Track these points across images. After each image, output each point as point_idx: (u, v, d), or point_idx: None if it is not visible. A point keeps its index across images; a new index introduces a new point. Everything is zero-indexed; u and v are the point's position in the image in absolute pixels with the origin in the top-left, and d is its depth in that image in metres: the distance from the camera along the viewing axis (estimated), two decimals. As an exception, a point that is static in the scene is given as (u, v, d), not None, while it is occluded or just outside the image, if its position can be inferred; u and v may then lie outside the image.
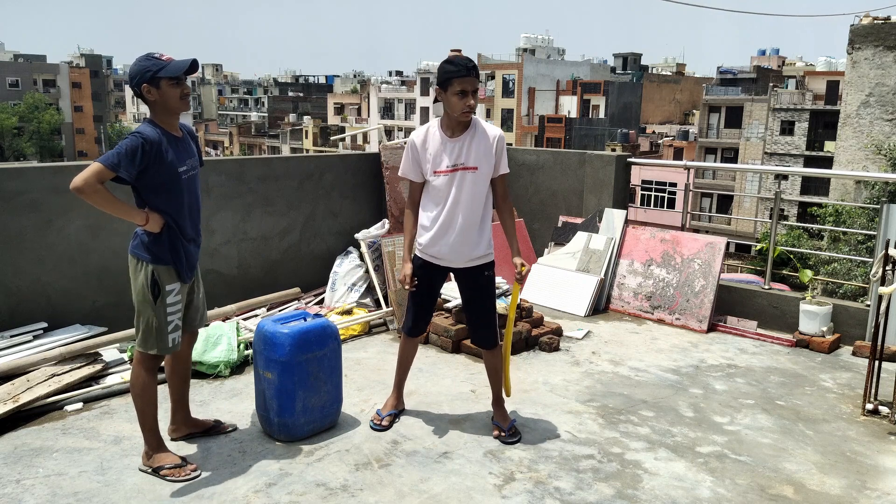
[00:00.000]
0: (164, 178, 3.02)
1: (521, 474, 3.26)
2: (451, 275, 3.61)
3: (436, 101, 3.41)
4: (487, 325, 3.55)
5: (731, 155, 39.06)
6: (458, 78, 3.22)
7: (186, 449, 3.41)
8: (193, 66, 3.02)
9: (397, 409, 3.82)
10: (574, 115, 49.18)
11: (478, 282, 3.53)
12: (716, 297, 5.56)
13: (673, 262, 5.83)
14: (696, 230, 10.56)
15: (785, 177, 34.36)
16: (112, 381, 4.12)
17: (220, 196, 5.25)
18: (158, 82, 2.98)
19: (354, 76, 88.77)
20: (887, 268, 4.07)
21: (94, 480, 3.12)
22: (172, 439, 3.46)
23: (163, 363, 3.33)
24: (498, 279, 5.30)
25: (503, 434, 3.57)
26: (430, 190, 3.45)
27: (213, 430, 3.57)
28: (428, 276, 3.54)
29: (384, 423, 3.68)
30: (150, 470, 3.16)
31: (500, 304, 4.92)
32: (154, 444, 3.19)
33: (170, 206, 3.07)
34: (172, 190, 3.06)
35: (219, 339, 4.39)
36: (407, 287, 3.50)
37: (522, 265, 3.42)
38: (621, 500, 3.08)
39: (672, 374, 4.60)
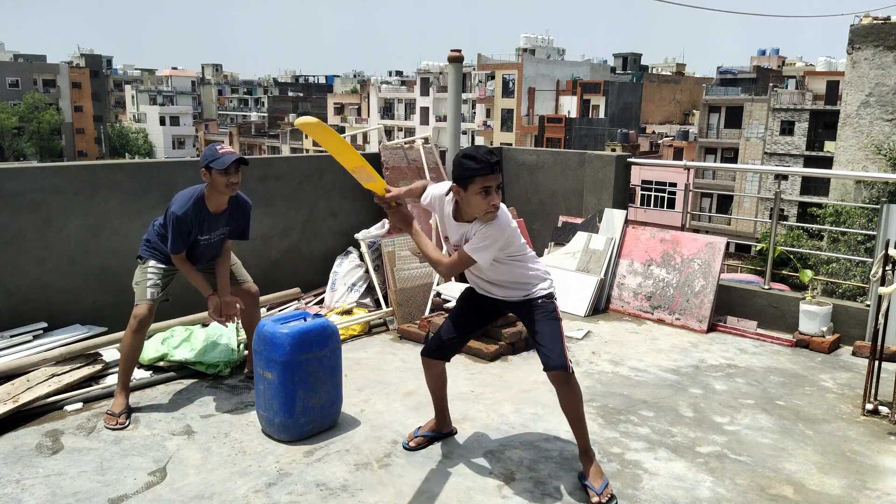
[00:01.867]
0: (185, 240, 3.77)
1: (521, 474, 3.26)
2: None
3: (450, 193, 3.12)
4: (551, 346, 3.13)
5: (731, 155, 39.04)
6: (481, 176, 2.89)
7: (187, 448, 3.41)
8: (240, 161, 3.68)
9: (436, 432, 3.55)
10: (574, 115, 49.17)
11: (532, 310, 3.21)
12: (716, 297, 5.56)
13: (673, 262, 5.83)
14: (696, 230, 10.56)
15: (785, 177, 34.35)
16: (112, 381, 4.12)
17: (220, 196, 5.24)
18: (211, 170, 3.64)
19: (354, 76, 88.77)
20: (887, 268, 4.07)
21: (94, 480, 3.12)
22: (246, 375, 4.27)
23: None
24: None
25: (601, 499, 2.99)
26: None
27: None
28: (476, 298, 3.33)
29: (411, 444, 3.48)
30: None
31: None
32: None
33: (192, 255, 3.84)
34: (194, 247, 3.82)
35: (219, 339, 4.39)
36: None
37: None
38: (621, 500, 3.08)
39: (672, 374, 4.60)
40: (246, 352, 4.48)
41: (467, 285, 3.42)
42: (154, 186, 4.89)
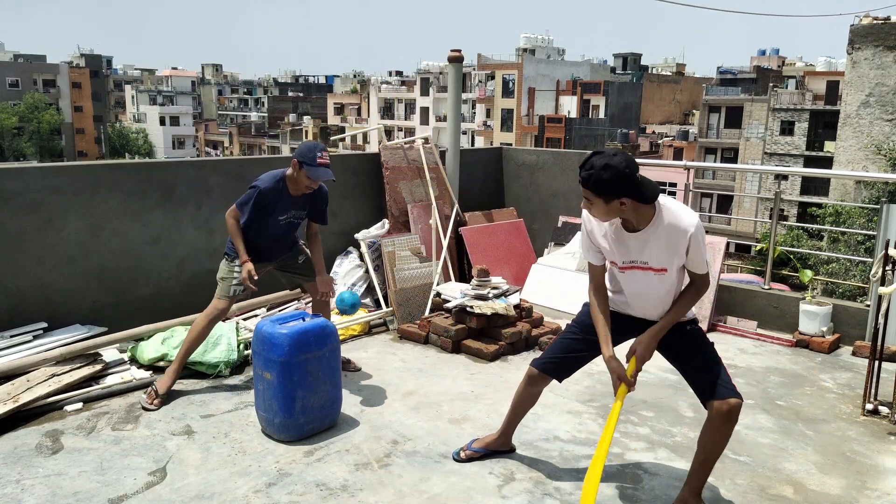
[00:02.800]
0: (264, 217, 3.94)
1: (521, 474, 3.26)
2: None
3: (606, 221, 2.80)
4: (719, 372, 2.80)
5: (731, 155, 39.03)
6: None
7: (187, 448, 3.41)
8: (326, 176, 3.88)
9: (492, 450, 3.38)
10: (574, 115, 49.16)
11: (681, 334, 2.92)
12: (716, 297, 5.56)
13: (673, 262, 5.82)
14: (696, 230, 10.51)
15: (785, 177, 34.35)
16: (112, 380, 4.12)
17: (220, 196, 5.24)
18: (302, 167, 3.85)
19: (354, 76, 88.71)
20: (887, 268, 4.07)
21: (94, 480, 3.12)
22: None
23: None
24: (497, 279, 5.30)
25: None
26: (612, 272, 2.96)
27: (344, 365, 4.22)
28: (618, 324, 2.99)
29: (461, 455, 3.35)
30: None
31: (500, 304, 4.93)
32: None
33: (257, 232, 3.99)
34: (265, 225, 3.98)
35: (218, 339, 4.39)
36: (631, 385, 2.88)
37: (641, 344, 2.87)
38: (621, 500, 3.08)
39: (672, 374, 4.58)
40: (247, 352, 4.48)
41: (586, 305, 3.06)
42: (154, 186, 4.89)
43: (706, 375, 2.80)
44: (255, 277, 3.91)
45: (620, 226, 2.78)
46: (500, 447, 3.41)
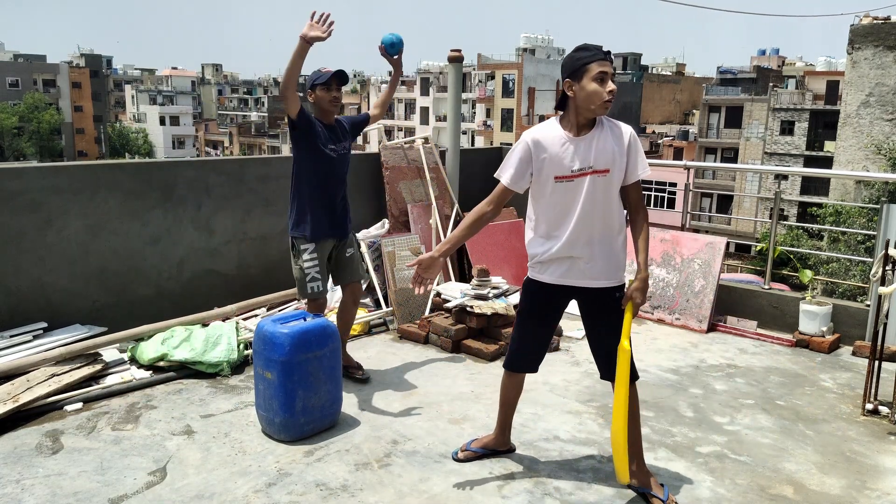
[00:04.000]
0: (313, 150, 3.89)
1: (521, 474, 3.26)
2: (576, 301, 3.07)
3: (559, 104, 2.91)
4: (613, 352, 2.91)
5: (731, 155, 39.04)
6: (596, 61, 2.75)
7: (187, 448, 3.41)
8: (339, 75, 3.90)
9: (491, 449, 3.37)
10: (574, 115, 49.09)
11: (604, 304, 2.97)
12: (716, 297, 5.56)
13: (673, 262, 5.83)
14: (696, 230, 10.56)
15: (785, 177, 34.36)
16: (112, 380, 4.12)
17: (220, 196, 5.25)
18: (315, 88, 3.91)
19: (354, 76, 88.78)
20: (887, 268, 4.07)
21: (94, 480, 3.12)
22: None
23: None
24: (497, 279, 5.30)
25: None
26: (547, 198, 2.92)
27: (350, 369, 4.28)
28: (546, 300, 3.01)
29: (460, 455, 3.34)
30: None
31: (500, 304, 4.93)
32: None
33: (310, 173, 3.93)
34: (317, 160, 3.90)
35: (219, 339, 4.39)
36: (416, 283, 2.97)
37: (637, 291, 2.87)
38: (621, 499, 3.08)
39: (672, 374, 4.60)
40: (247, 352, 4.48)
41: (526, 287, 3.09)
42: (154, 186, 4.89)
43: (609, 352, 2.92)
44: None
45: (569, 132, 2.88)
46: (498, 446, 3.41)
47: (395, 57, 4.15)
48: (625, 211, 3.00)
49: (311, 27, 3.55)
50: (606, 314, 2.98)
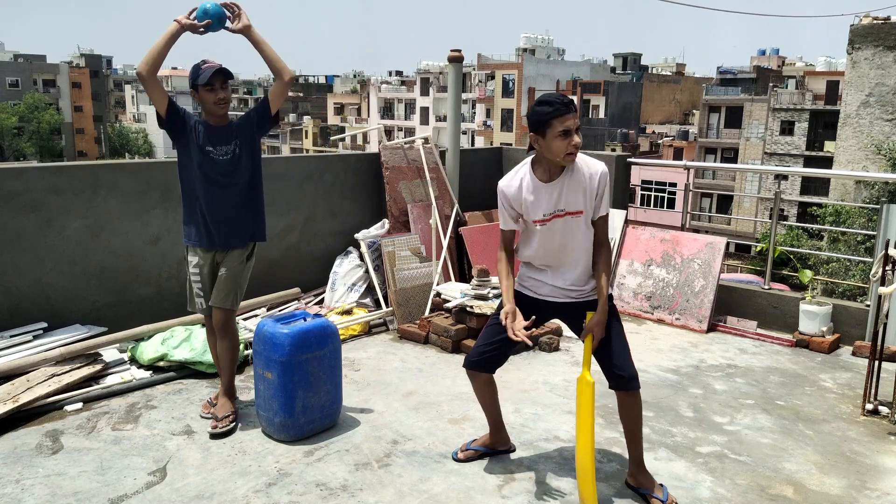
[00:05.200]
0: (191, 150, 3.50)
1: (520, 474, 3.26)
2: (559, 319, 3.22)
3: (529, 150, 3.02)
4: (620, 363, 2.98)
5: (731, 155, 39.04)
6: (557, 117, 2.83)
7: (187, 448, 3.41)
8: (219, 73, 3.44)
9: (489, 447, 3.39)
10: (574, 115, 49.11)
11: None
12: (716, 297, 5.56)
13: (673, 262, 5.83)
14: (696, 230, 10.57)
15: (785, 177, 34.36)
16: (112, 380, 4.12)
17: (220, 196, 5.24)
18: (197, 88, 3.47)
19: (354, 76, 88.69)
20: (887, 268, 4.07)
21: (94, 480, 3.12)
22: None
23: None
24: (497, 279, 5.30)
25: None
26: (530, 234, 3.07)
27: (221, 417, 3.65)
28: (524, 310, 3.07)
29: (460, 455, 3.36)
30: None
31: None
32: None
33: (190, 177, 3.54)
34: (198, 163, 3.50)
35: (219, 339, 4.39)
36: (514, 334, 2.98)
37: (597, 325, 2.95)
38: (621, 499, 3.08)
39: (672, 374, 4.60)
40: (247, 352, 4.48)
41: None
42: (154, 186, 4.89)
43: (613, 364, 2.98)
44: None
45: (537, 180, 2.99)
46: (497, 445, 3.41)
47: (203, 27, 3.36)
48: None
49: (187, 18, 3.32)
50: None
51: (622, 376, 2.97)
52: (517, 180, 3.03)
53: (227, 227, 3.57)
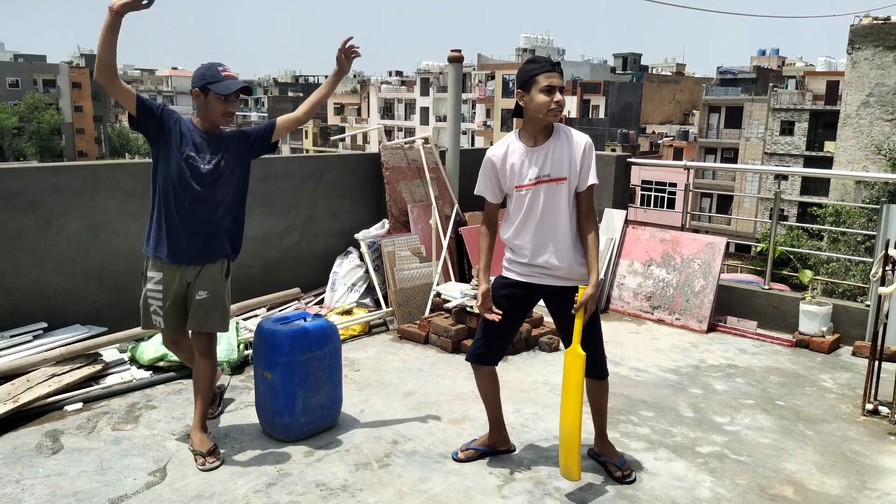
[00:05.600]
0: (169, 153, 3.22)
1: (520, 474, 3.26)
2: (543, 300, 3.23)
3: (515, 113, 3.10)
4: (595, 354, 3.12)
5: (731, 155, 39.05)
6: (543, 73, 2.92)
7: (187, 448, 3.41)
8: (245, 89, 3.25)
9: (489, 447, 3.40)
10: (574, 115, 49.16)
11: (567, 294, 3.09)
12: (716, 298, 5.56)
13: (673, 263, 5.83)
14: (696, 230, 10.57)
15: (785, 177, 34.37)
16: (112, 381, 4.12)
17: (220, 196, 5.24)
18: (208, 92, 3.21)
19: (354, 76, 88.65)
20: (887, 268, 4.07)
21: (94, 480, 3.12)
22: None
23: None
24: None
25: (623, 473, 3.20)
26: (514, 205, 3.11)
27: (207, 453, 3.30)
28: (513, 296, 3.16)
29: (461, 455, 3.35)
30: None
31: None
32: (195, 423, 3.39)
33: (166, 182, 3.26)
34: (177, 168, 3.21)
35: (219, 339, 4.39)
36: (485, 311, 3.12)
37: (590, 298, 2.99)
38: (621, 499, 3.08)
39: (672, 374, 4.60)
40: (247, 352, 4.48)
41: (496, 283, 3.22)
42: (154, 186, 4.88)
43: (588, 348, 3.06)
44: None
45: (524, 145, 3.07)
46: (497, 445, 3.41)
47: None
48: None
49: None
50: (569, 305, 3.10)
51: (596, 367, 3.14)
52: (504, 147, 3.11)
53: (201, 242, 3.27)
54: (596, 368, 3.15)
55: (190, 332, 3.42)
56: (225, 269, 3.44)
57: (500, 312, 3.13)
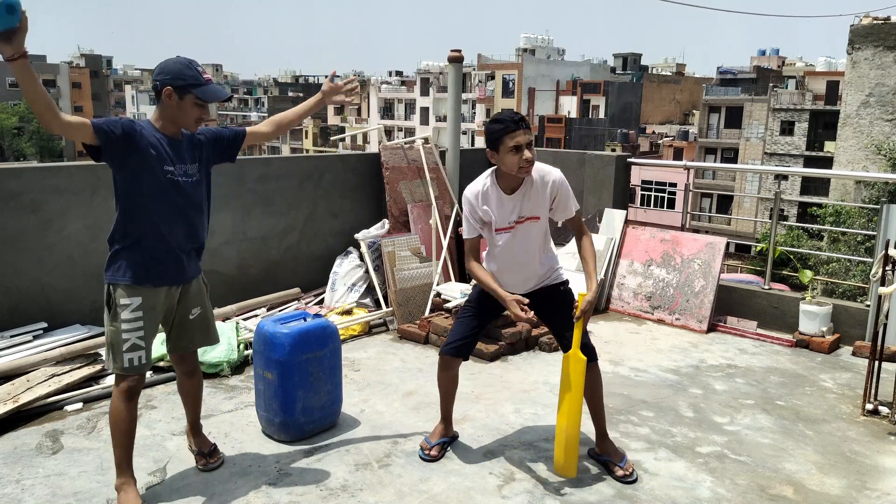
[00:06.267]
0: (144, 171, 2.76)
1: (521, 474, 3.26)
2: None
3: (490, 164, 3.22)
4: (586, 340, 3.24)
5: (731, 155, 39.06)
6: (507, 134, 3.03)
7: (187, 448, 3.41)
8: (228, 98, 2.95)
9: (448, 437, 3.52)
10: (574, 115, 49.19)
11: (554, 296, 3.33)
12: (716, 298, 5.56)
13: (673, 263, 5.83)
14: (696, 230, 10.57)
15: (785, 177, 34.36)
16: (111, 381, 4.12)
17: (219, 196, 5.22)
18: (184, 94, 2.78)
19: (354, 76, 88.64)
20: (887, 268, 4.07)
21: (94, 480, 3.12)
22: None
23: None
24: None
25: (625, 472, 3.23)
26: (494, 243, 3.27)
27: (206, 453, 3.26)
28: (490, 300, 3.26)
29: (433, 452, 3.39)
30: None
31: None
32: (120, 476, 2.90)
33: (144, 204, 2.81)
34: (154, 186, 2.79)
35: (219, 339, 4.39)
36: (519, 316, 3.11)
37: (589, 304, 3.11)
38: (621, 499, 3.08)
39: (672, 374, 4.60)
40: (247, 352, 4.48)
41: (475, 285, 3.41)
42: (154, 186, 4.88)
43: (570, 333, 3.20)
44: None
45: (500, 191, 3.20)
46: (450, 434, 3.54)
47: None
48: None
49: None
50: (559, 308, 3.30)
51: (588, 352, 3.22)
52: (483, 190, 3.22)
53: (186, 260, 2.96)
54: (586, 350, 3.24)
55: (174, 352, 3.15)
56: (203, 278, 3.14)
57: (532, 311, 3.15)
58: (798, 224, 15.22)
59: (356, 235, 5.86)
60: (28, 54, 2.38)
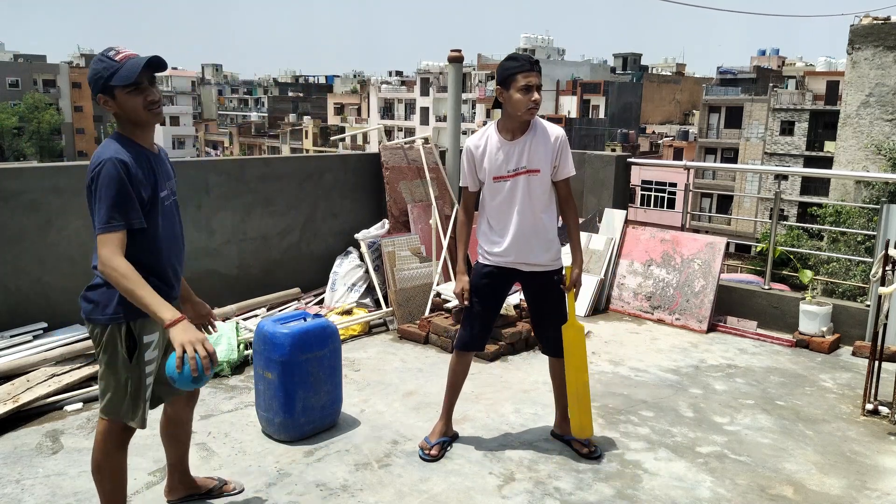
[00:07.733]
0: (154, 213, 2.42)
1: (521, 474, 3.26)
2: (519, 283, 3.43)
3: (495, 105, 3.23)
4: (556, 336, 3.38)
5: (731, 155, 39.03)
6: (522, 73, 3.05)
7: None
8: (153, 64, 2.35)
9: (448, 436, 3.51)
10: (574, 115, 49.17)
11: (546, 287, 3.33)
12: (716, 298, 5.56)
13: (673, 263, 5.83)
14: (696, 230, 10.58)
15: (785, 177, 34.36)
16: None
17: (219, 196, 5.25)
18: (112, 91, 2.33)
19: (354, 76, 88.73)
20: (887, 268, 4.07)
21: (94, 480, 3.12)
22: (169, 501, 2.95)
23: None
24: None
25: (589, 449, 3.41)
26: (491, 196, 3.26)
27: (214, 490, 3.01)
28: (493, 283, 3.33)
29: (433, 452, 3.37)
30: None
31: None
32: None
33: (152, 242, 2.43)
34: (158, 217, 2.44)
35: (218, 339, 4.39)
36: (465, 302, 3.33)
37: (578, 277, 3.28)
38: (621, 500, 3.08)
39: (672, 374, 4.60)
40: (247, 352, 4.48)
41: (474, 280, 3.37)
42: (154, 186, 4.88)
43: (549, 336, 3.39)
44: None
45: (502, 139, 3.21)
46: (450, 433, 3.53)
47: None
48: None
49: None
50: (548, 294, 3.35)
51: (556, 347, 3.39)
52: (484, 139, 3.25)
53: (178, 284, 2.65)
54: (556, 348, 3.40)
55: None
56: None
57: (477, 298, 3.32)
58: (798, 224, 15.23)
59: (356, 235, 5.86)
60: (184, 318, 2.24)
